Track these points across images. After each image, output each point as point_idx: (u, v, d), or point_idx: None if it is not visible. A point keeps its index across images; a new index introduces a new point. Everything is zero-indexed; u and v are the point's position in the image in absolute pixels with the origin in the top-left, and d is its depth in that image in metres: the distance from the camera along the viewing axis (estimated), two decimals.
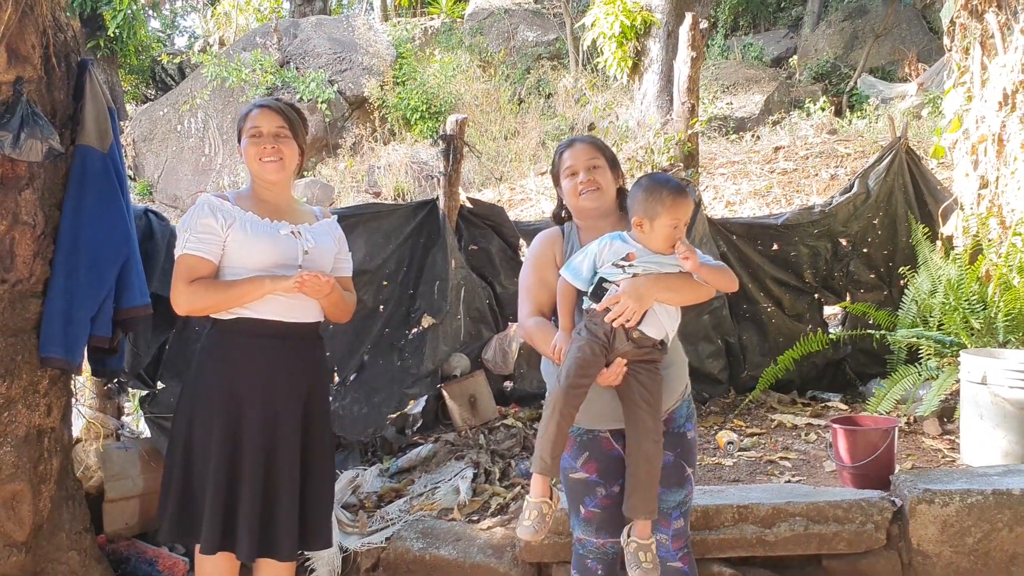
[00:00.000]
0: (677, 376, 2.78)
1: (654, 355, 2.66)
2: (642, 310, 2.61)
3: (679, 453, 2.76)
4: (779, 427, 5.04)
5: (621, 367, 2.62)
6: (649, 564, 2.61)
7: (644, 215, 2.64)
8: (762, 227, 5.91)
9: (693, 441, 2.81)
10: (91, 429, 3.96)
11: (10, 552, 3.15)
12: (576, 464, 2.81)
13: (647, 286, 2.62)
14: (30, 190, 3.12)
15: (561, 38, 16.80)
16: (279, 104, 3.05)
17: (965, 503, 3.47)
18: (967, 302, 5.08)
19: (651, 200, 2.63)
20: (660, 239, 2.64)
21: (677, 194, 2.63)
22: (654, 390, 2.63)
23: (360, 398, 4.91)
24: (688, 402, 2.82)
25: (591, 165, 2.81)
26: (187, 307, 2.90)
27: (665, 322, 2.68)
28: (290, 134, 3.01)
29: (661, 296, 2.64)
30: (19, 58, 3.06)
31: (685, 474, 2.77)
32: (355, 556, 3.78)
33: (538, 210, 10.90)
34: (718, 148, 12.46)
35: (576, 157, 2.84)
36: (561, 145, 2.94)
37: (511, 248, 5.51)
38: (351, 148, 13.88)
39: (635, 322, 2.61)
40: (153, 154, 14.95)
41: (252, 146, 2.97)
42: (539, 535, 2.69)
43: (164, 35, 20.58)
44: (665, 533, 2.77)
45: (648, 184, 2.68)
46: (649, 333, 2.64)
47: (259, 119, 2.98)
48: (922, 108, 12.20)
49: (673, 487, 2.75)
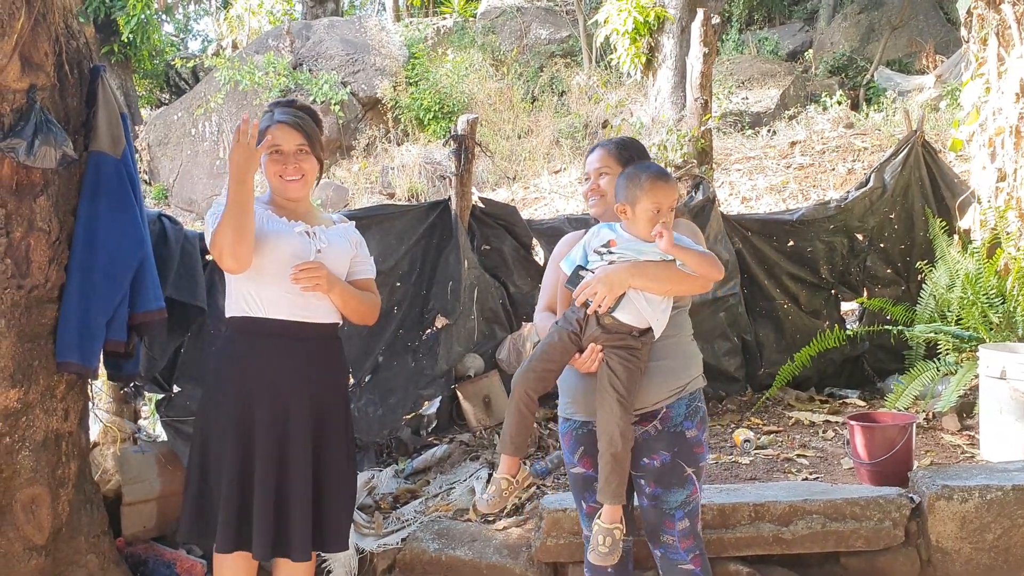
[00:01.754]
0: (672, 371, 2.73)
1: (627, 342, 2.65)
2: (612, 295, 2.61)
3: (677, 452, 2.71)
4: (796, 424, 5.01)
5: (595, 353, 2.65)
6: (605, 548, 2.62)
7: (626, 201, 2.68)
8: (778, 223, 5.89)
9: (695, 440, 2.74)
10: (108, 433, 3.98)
11: (30, 555, 3.17)
12: (574, 459, 2.84)
13: (619, 272, 2.64)
14: (44, 197, 3.13)
15: (574, 35, 16.78)
16: (297, 118, 3.00)
17: (984, 499, 3.44)
18: (985, 296, 5.04)
19: (630, 185, 2.67)
20: (643, 224, 2.66)
21: (656, 178, 2.65)
22: (625, 378, 2.61)
23: (375, 399, 4.92)
24: (689, 400, 2.74)
25: (599, 172, 2.89)
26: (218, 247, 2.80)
27: (645, 311, 2.65)
28: (309, 150, 3.00)
29: (636, 283, 2.63)
30: (32, 66, 3.07)
31: (685, 474, 2.72)
32: (371, 557, 3.78)
33: (552, 209, 10.89)
34: (734, 144, 12.41)
35: (590, 163, 2.94)
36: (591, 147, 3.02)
37: (524, 248, 5.51)
38: (364, 149, 13.90)
39: (606, 308, 2.62)
40: (168, 158, 15.02)
41: (272, 164, 2.96)
42: (492, 508, 2.78)
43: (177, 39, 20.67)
44: (671, 534, 2.74)
45: (629, 171, 2.72)
46: (623, 320, 2.64)
47: (279, 136, 2.95)
48: (940, 101, 12.11)
49: (673, 488, 2.71)
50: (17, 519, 3.12)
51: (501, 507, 2.79)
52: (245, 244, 2.80)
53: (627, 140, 3.00)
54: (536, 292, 5.50)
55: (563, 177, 12.28)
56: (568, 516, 3.47)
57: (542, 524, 3.53)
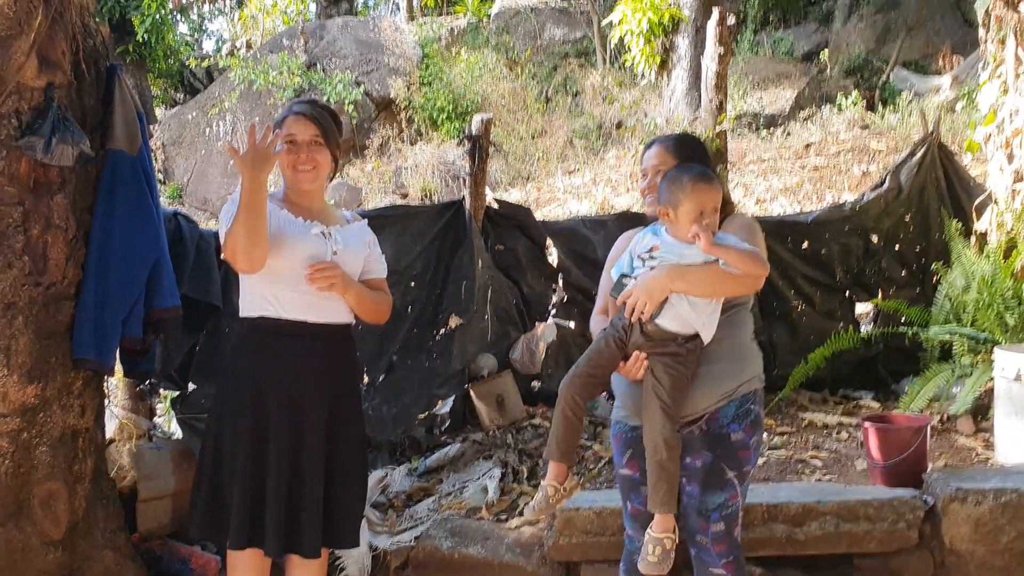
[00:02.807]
0: (724, 374, 2.68)
1: (672, 349, 2.61)
2: (653, 302, 2.58)
3: (719, 454, 2.66)
4: (810, 426, 5.00)
5: (641, 360, 2.61)
6: (655, 558, 2.56)
7: (668, 204, 2.62)
8: (792, 225, 5.86)
9: (741, 443, 2.68)
10: (124, 430, 4.01)
11: (47, 550, 3.20)
12: (622, 461, 2.81)
13: (658, 278, 2.60)
14: (62, 195, 3.16)
15: (588, 36, 16.75)
16: (314, 111, 3.02)
17: (999, 502, 3.42)
18: (1001, 298, 5.00)
19: (673, 188, 2.61)
20: (686, 227, 2.59)
21: (698, 180, 2.60)
22: (668, 386, 2.57)
23: (389, 398, 4.93)
24: (740, 403, 2.68)
25: (657, 170, 2.81)
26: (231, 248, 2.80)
27: (690, 316, 2.60)
28: (324, 142, 3.00)
29: (676, 287, 2.58)
30: (50, 64, 3.10)
31: (726, 477, 2.67)
32: (385, 555, 3.80)
33: (565, 209, 10.87)
34: (748, 145, 12.37)
35: (648, 160, 2.86)
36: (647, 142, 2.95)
37: (538, 248, 5.51)
38: (378, 149, 13.92)
39: (648, 315, 2.58)
40: (183, 158, 15.08)
41: (286, 154, 2.96)
42: (539, 514, 2.78)
43: (192, 39, 20.74)
44: (705, 536, 2.69)
45: (672, 173, 2.66)
46: (666, 326, 2.60)
47: (294, 127, 2.97)
48: (956, 102, 12.03)
49: (712, 489, 2.67)
50: (34, 514, 3.15)
51: (549, 514, 2.76)
52: (259, 247, 2.79)
53: (686, 137, 2.94)
54: (549, 293, 5.56)
55: (577, 178, 12.27)
56: (581, 515, 3.47)
57: (555, 523, 3.53)
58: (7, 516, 3.08)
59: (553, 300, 5.56)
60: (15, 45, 2.96)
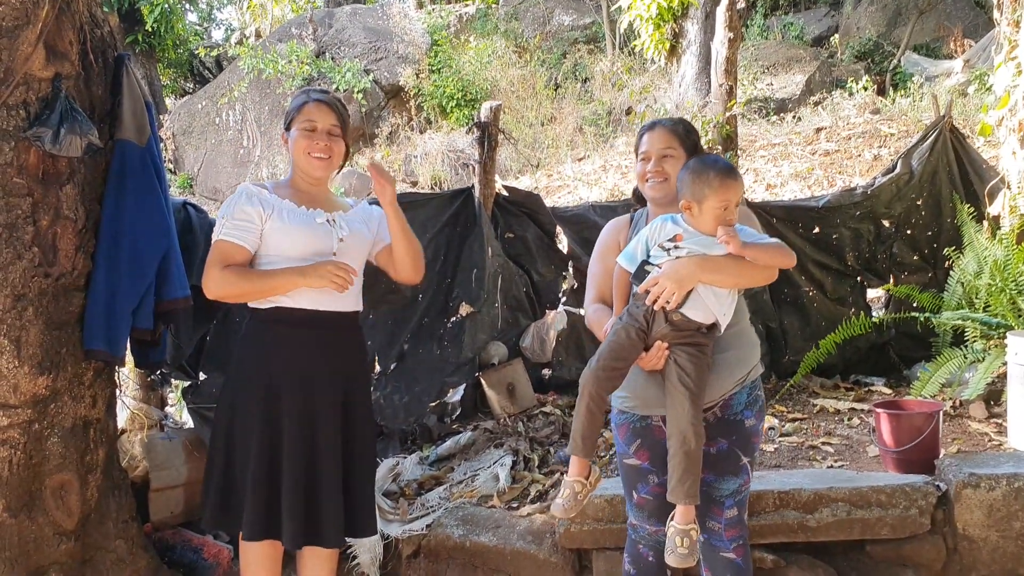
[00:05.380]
0: (736, 360, 2.70)
1: (696, 339, 2.60)
2: (682, 292, 2.56)
3: (734, 441, 2.69)
4: (821, 412, 4.98)
5: (662, 350, 2.59)
6: (685, 550, 2.55)
7: (692, 198, 2.59)
8: (803, 210, 5.83)
9: (753, 430, 2.72)
10: (136, 420, 4.02)
11: (60, 540, 3.21)
12: (629, 450, 2.80)
13: (688, 267, 2.57)
14: (71, 185, 3.16)
15: (597, 21, 16.69)
16: (333, 100, 3.06)
17: (1012, 487, 3.40)
18: (1014, 283, 4.97)
19: (698, 182, 2.58)
20: (709, 221, 2.59)
21: (725, 175, 2.58)
22: (694, 375, 2.56)
23: (401, 387, 4.94)
24: (751, 389, 2.72)
25: (664, 154, 2.77)
26: (216, 291, 2.92)
27: (713, 305, 2.60)
28: (341, 132, 3.03)
29: (705, 278, 2.58)
30: (57, 55, 3.09)
31: (741, 463, 2.70)
32: (396, 543, 3.81)
33: (575, 197, 10.85)
34: (759, 130, 12.32)
35: (652, 142, 2.81)
36: (645, 124, 2.90)
37: (548, 236, 5.49)
38: (387, 137, 13.92)
39: (675, 304, 2.57)
40: (192, 147, 15.11)
41: (303, 139, 2.97)
42: (569, 512, 2.70)
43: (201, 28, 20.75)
44: (718, 521, 2.73)
45: (696, 166, 2.63)
46: (691, 316, 2.59)
47: (315, 113, 2.99)
48: (968, 85, 11.95)
49: (727, 475, 2.70)
50: (47, 505, 3.17)
51: (578, 511, 2.75)
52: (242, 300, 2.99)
53: (688, 123, 2.90)
54: (559, 280, 5.54)
55: (587, 164, 12.24)
56: (592, 503, 3.47)
57: None
58: (19, 507, 3.10)
59: (563, 287, 5.55)
60: (22, 35, 2.96)
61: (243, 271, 2.92)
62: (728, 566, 2.75)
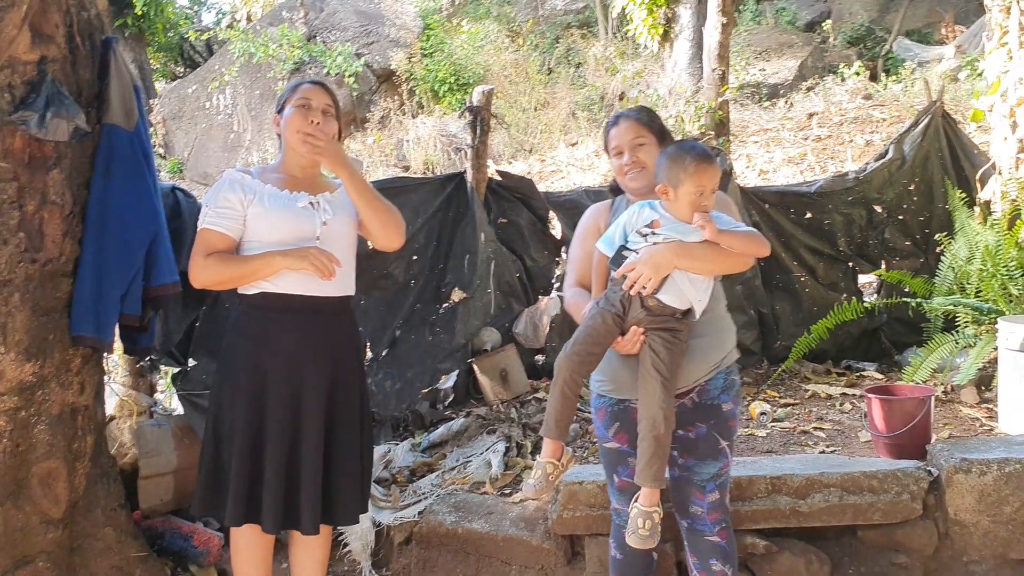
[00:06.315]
0: (711, 346, 2.73)
1: (671, 324, 2.62)
2: (658, 277, 2.58)
3: (712, 425, 2.73)
4: (813, 397, 4.99)
5: (637, 335, 2.61)
6: (646, 532, 2.60)
7: (668, 182, 2.62)
8: (795, 195, 5.83)
9: (730, 414, 2.76)
10: (124, 407, 4.00)
11: (47, 529, 3.18)
12: (608, 434, 2.83)
13: (664, 254, 2.59)
14: (57, 170, 3.12)
15: (590, 6, 16.61)
16: (327, 84, 3.13)
17: (1003, 472, 3.41)
18: (1005, 268, 4.98)
19: (674, 167, 2.60)
20: (685, 206, 2.61)
21: (700, 160, 2.59)
22: (668, 360, 2.59)
23: (393, 373, 4.93)
24: (726, 374, 2.76)
25: (636, 144, 2.80)
26: (201, 280, 2.94)
27: (688, 292, 2.63)
28: (334, 114, 3.06)
29: (681, 264, 2.60)
30: (43, 37, 3.05)
31: (719, 447, 2.74)
32: (388, 530, 3.80)
33: (568, 182, 10.83)
34: (751, 116, 12.30)
35: (621, 135, 2.83)
36: (609, 121, 2.93)
37: (541, 221, 5.48)
38: (379, 122, 13.84)
39: (651, 290, 2.58)
40: (183, 132, 15.01)
41: (297, 115, 2.97)
42: (540, 493, 2.76)
43: (191, 12, 20.61)
44: (700, 506, 2.76)
45: (672, 151, 2.65)
46: (667, 302, 2.61)
47: (311, 93, 3.02)
48: (959, 71, 11.95)
49: (706, 459, 2.73)
50: (34, 493, 3.14)
51: (549, 491, 2.78)
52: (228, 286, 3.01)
53: (649, 109, 2.94)
54: (553, 265, 5.53)
55: (580, 149, 12.21)
56: (584, 489, 3.46)
57: (559, 496, 3.52)
58: (6, 495, 3.06)
59: (556, 273, 5.54)
60: (6, 17, 2.91)
61: (225, 257, 2.92)
62: (713, 549, 2.77)
